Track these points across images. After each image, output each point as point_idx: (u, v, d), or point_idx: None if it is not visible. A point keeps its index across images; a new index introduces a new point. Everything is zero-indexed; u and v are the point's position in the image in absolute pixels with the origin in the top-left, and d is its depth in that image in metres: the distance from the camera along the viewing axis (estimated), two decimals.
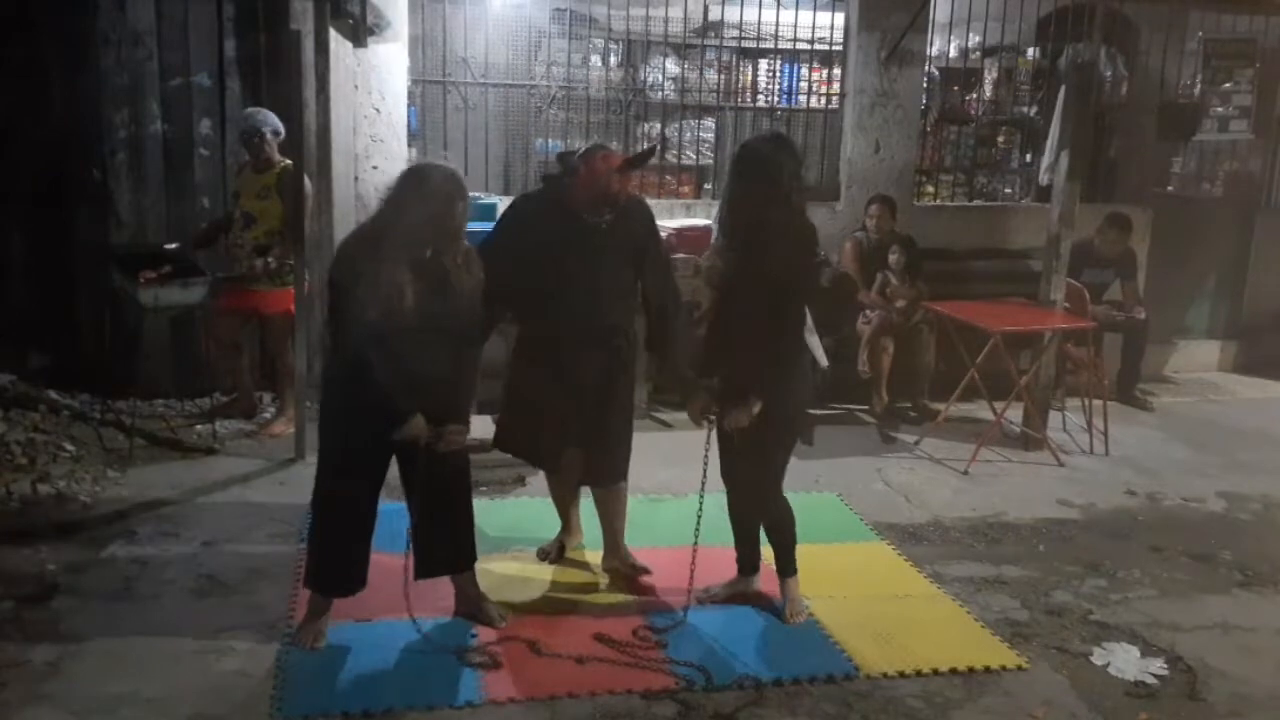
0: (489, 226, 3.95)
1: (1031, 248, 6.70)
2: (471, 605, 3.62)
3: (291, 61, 5.12)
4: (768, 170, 3.38)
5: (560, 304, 3.68)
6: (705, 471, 3.66)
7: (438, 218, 3.17)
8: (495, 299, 3.51)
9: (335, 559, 3.42)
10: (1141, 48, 7.65)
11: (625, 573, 3.97)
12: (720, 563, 4.03)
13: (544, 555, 4.12)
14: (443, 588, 3.72)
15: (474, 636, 3.48)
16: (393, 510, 3.58)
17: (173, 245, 5.26)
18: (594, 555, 4.12)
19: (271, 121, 5.29)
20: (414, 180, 3.23)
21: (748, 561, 3.87)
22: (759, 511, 3.67)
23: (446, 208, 3.17)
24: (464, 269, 3.28)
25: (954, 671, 3.40)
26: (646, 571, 3.97)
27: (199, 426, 5.42)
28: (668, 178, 6.89)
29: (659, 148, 4.29)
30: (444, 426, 3.29)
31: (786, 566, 3.73)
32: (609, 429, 3.84)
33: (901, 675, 3.37)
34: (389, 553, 3.52)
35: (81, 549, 4.00)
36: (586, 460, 3.89)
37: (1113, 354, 6.66)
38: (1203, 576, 4.25)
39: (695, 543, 3.70)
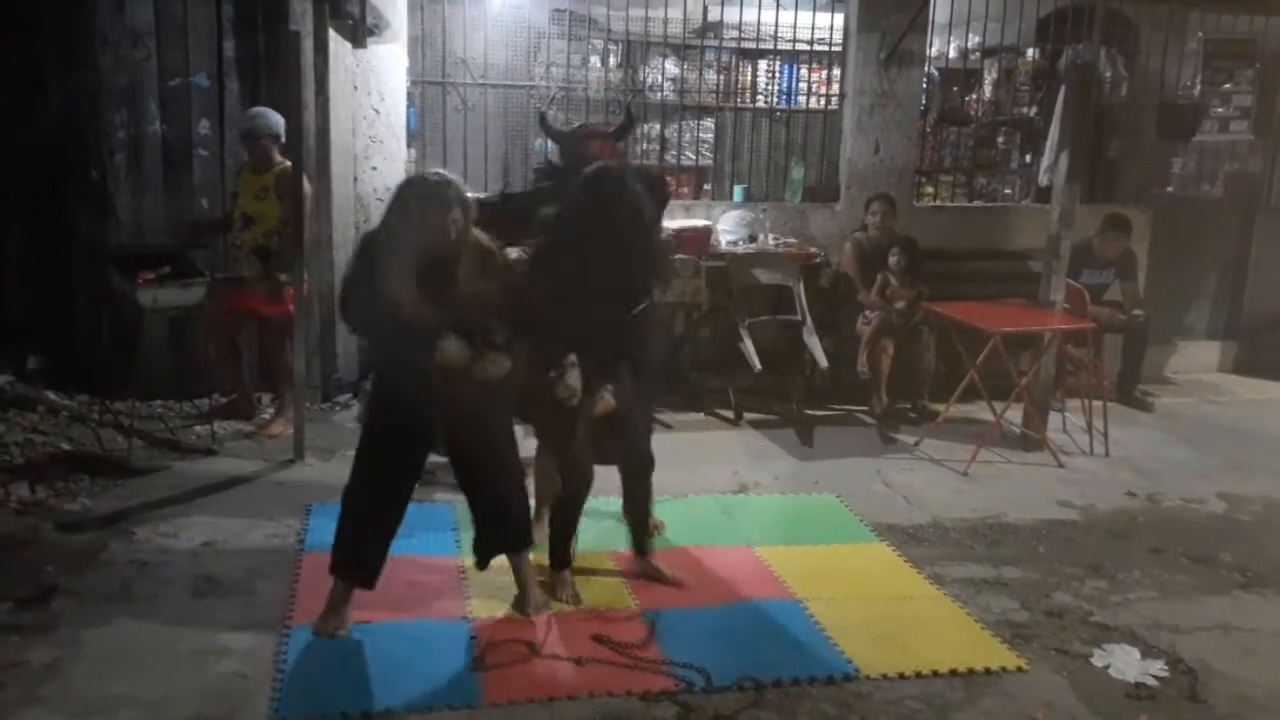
0: None
1: (1031, 248, 6.68)
2: (522, 586, 3.66)
3: (290, 62, 5.11)
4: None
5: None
6: None
7: (419, 227, 3.24)
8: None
9: (356, 548, 3.46)
10: (1141, 48, 7.64)
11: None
12: (718, 562, 4.04)
13: None
14: (442, 589, 3.71)
15: (473, 638, 3.47)
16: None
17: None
18: (591, 557, 4.12)
19: (275, 122, 5.28)
20: (398, 191, 3.36)
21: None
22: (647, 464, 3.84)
23: (426, 218, 3.24)
24: (474, 269, 3.31)
25: (954, 673, 3.39)
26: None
27: (197, 427, 5.41)
28: (667, 178, 6.86)
29: (630, 120, 4.90)
30: (481, 352, 3.27)
31: (562, 558, 3.79)
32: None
33: (901, 677, 3.36)
34: (391, 555, 3.51)
35: (79, 550, 3.99)
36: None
37: (1113, 355, 6.66)
38: (1203, 578, 4.24)
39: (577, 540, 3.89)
